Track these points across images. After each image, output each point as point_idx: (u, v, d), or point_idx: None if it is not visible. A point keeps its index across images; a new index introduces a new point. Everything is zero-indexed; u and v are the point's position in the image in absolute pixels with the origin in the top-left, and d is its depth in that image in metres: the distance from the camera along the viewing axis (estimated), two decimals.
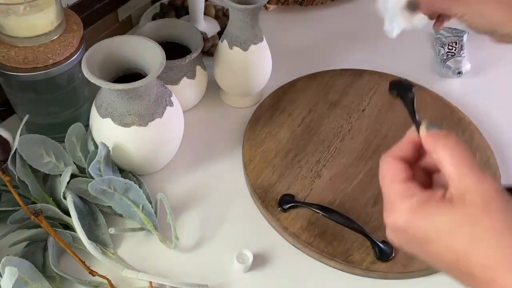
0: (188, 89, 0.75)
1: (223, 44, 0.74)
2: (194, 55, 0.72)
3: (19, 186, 0.63)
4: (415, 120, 0.45)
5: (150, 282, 0.58)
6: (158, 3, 0.92)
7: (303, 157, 0.72)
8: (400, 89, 0.51)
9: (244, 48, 0.72)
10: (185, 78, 0.74)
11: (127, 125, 0.63)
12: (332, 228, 0.64)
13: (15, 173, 0.61)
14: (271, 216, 0.66)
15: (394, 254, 0.62)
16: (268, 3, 0.95)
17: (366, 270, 0.62)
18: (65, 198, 0.61)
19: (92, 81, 0.59)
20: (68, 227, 0.62)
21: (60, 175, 0.64)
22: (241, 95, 0.79)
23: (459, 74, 0.86)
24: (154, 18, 0.89)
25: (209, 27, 0.89)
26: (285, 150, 0.73)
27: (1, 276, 0.54)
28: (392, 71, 0.84)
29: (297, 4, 0.97)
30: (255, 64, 0.75)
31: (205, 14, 0.90)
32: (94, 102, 0.65)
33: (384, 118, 0.78)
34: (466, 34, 0.90)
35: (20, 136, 0.61)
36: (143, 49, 0.64)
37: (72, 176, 0.63)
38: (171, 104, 0.66)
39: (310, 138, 0.75)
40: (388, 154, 0.43)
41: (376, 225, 0.65)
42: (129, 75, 0.66)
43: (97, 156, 0.62)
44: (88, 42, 0.67)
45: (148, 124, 0.63)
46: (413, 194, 0.40)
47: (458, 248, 0.37)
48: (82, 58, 0.61)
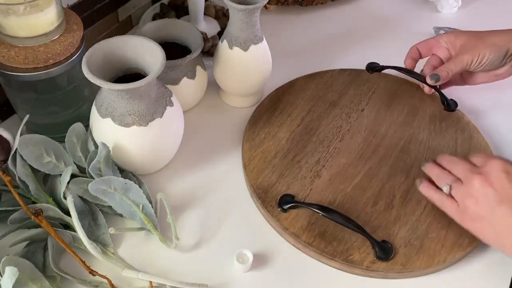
0: (188, 89, 0.75)
1: (223, 44, 0.74)
2: (194, 55, 0.72)
3: (20, 186, 0.63)
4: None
5: (150, 282, 0.58)
6: (158, 3, 0.92)
7: (303, 157, 0.72)
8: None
9: (244, 48, 0.72)
10: (185, 78, 0.74)
11: (127, 125, 0.63)
12: (332, 228, 0.64)
13: (16, 173, 0.61)
14: (271, 216, 0.66)
15: (394, 253, 0.62)
16: (268, 3, 0.95)
17: (366, 270, 0.62)
18: (65, 198, 0.62)
19: (92, 81, 0.59)
20: (68, 227, 0.62)
21: (60, 175, 0.64)
22: (241, 95, 0.79)
23: None
24: (154, 18, 0.90)
25: (209, 27, 0.89)
26: (284, 150, 0.73)
27: (1, 276, 0.54)
28: (392, 71, 0.84)
29: (297, 4, 0.97)
30: (255, 64, 0.75)
31: (205, 14, 0.90)
32: (94, 102, 0.65)
33: (383, 118, 0.78)
34: None
35: (20, 136, 0.61)
36: (143, 49, 0.64)
37: (72, 176, 0.64)
38: (171, 104, 0.66)
39: (309, 138, 0.75)
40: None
41: (376, 224, 0.65)
42: (129, 75, 0.66)
43: (97, 156, 0.62)
44: (88, 42, 0.67)
45: (148, 124, 0.63)
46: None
47: None
48: (82, 58, 0.61)
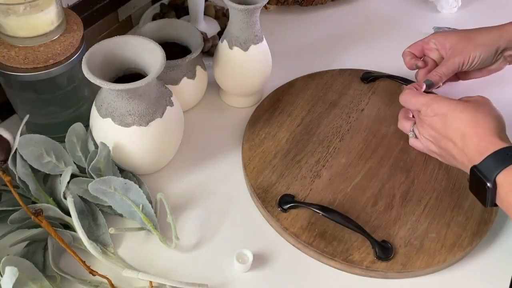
0: (188, 89, 0.75)
1: (223, 44, 0.74)
2: (194, 55, 0.72)
3: (20, 186, 0.63)
4: None
5: (150, 282, 0.58)
6: (158, 3, 0.92)
7: (303, 157, 0.72)
8: None
9: (244, 48, 0.72)
10: (185, 78, 0.74)
11: (127, 125, 0.63)
12: (332, 228, 0.64)
13: (16, 173, 0.61)
14: (271, 216, 0.66)
15: (394, 253, 0.62)
16: (268, 3, 0.95)
17: (366, 270, 0.62)
18: (65, 198, 0.62)
19: (92, 81, 0.59)
20: (68, 227, 0.62)
21: (60, 175, 0.64)
22: (241, 95, 0.79)
23: None
24: (154, 18, 0.90)
25: (209, 27, 0.89)
26: (284, 150, 0.73)
27: (1, 276, 0.54)
28: (391, 71, 0.84)
29: (297, 4, 0.98)
30: (255, 64, 0.75)
31: (205, 14, 0.90)
32: (94, 102, 0.65)
33: (383, 118, 0.78)
34: None
35: (20, 136, 0.61)
36: (143, 49, 0.64)
37: (72, 176, 0.64)
38: (171, 104, 0.66)
39: (309, 138, 0.75)
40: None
41: (376, 224, 0.65)
42: (129, 75, 0.66)
43: (97, 156, 0.62)
44: (88, 42, 0.67)
45: (148, 124, 0.63)
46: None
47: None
48: (82, 58, 0.61)
